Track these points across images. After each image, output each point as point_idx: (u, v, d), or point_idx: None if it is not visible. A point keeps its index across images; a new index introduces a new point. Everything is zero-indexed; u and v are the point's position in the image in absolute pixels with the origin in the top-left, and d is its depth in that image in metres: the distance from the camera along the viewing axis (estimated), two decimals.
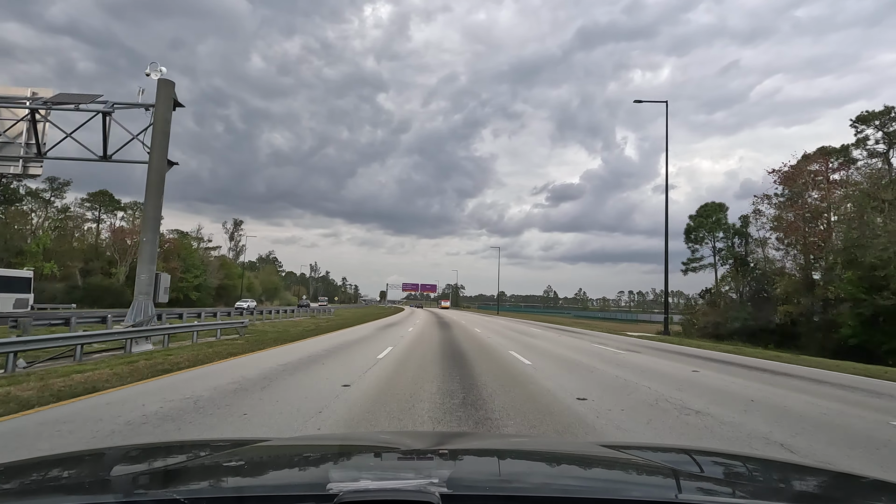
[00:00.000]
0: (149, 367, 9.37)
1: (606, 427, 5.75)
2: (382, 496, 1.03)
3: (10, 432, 5.10)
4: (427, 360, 11.75)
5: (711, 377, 10.46)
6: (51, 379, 7.88)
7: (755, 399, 7.87)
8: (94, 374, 8.46)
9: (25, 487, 1.29)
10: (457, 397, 7.24)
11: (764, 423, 6.16)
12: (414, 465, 1.61)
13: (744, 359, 15.27)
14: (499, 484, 1.37)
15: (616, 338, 24.36)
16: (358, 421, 5.80)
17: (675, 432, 5.61)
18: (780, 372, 11.94)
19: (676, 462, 1.79)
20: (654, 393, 8.09)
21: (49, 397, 6.60)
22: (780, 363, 14.23)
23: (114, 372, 8.74)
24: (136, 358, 10.75)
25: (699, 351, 17.97)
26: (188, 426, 5.36)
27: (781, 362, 14.51)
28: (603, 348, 17.20)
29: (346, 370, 9.78)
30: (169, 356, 11.16)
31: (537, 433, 5.49)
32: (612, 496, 1.22)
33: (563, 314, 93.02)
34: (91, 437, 4.92)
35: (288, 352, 13.09)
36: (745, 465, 1.86)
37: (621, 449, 1.89)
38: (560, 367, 11.26)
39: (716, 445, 5.11)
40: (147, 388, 7.59)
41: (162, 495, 1.14)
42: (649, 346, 19.45)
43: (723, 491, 1.46)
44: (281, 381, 8.28)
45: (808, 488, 1.52)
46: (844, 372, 12.53)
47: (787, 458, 4.65)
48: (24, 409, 5.97)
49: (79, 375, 8.22)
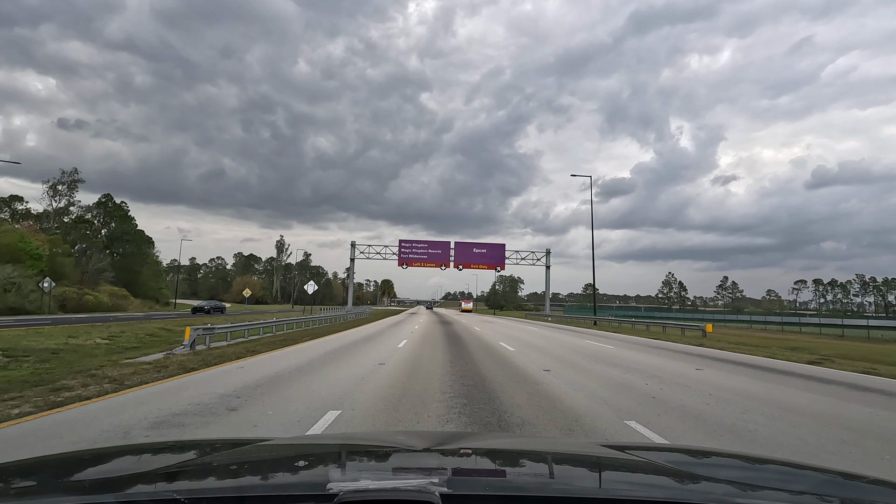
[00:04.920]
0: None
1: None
2: (382, 496, 1.03)
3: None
4: None
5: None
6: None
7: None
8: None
9: (25, 487, 1.31)
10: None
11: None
12: (414, 465, 1.62)
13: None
14: (499, 484, 1.39)
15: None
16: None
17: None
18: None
19: (677, 462, 1.78)
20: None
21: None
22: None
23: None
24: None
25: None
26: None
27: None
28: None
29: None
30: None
31: (537, 433, 5.56)
32: (612, 496, 1.23)
33: (698, 318, 57.42)
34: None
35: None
36: (745, 464, 1.90)
37: (621, 449, 1.90)
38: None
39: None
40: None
41: (162, 495, 1.14)
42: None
43: (723, 491, 1.39)
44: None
45: (808, 488, 1.49)
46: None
47: (787, 458, 4.27)
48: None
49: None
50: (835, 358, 14.97)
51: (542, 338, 21.82)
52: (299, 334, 20.73)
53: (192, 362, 10.65)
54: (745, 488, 1.43)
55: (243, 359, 11.70)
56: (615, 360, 12.80)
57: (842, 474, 1.77)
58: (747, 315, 63.31)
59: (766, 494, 1.37)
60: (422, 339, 19.76)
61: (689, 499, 1.22)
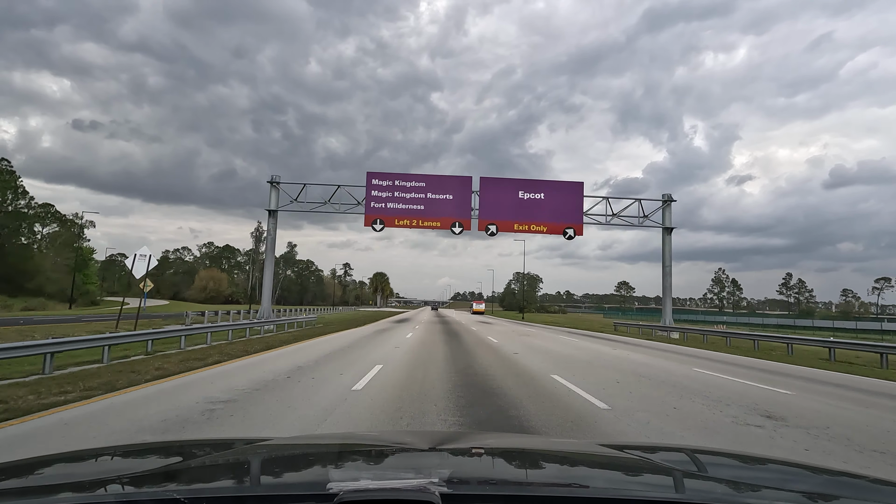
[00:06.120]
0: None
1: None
2: (382, 496, 1.02)
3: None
4: None
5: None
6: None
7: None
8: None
9: (25, 487, 1.29)
10: None
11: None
12: (414, 465, 1.61)
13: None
14: (499, 483, 1.37)
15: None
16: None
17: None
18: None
19: (677, 462, 1.78)
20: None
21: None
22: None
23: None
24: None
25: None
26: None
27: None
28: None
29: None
30: None
31: (537, 434, 5.42)
32: (612, 496, 1.21)
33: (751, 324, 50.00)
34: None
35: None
36: (745, 464, 1.88)
37: (621, 448, 1.89)
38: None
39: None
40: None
41: (162, 495, 1.13)
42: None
43: (723, 491, 1.39)
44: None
45: (808, 488, 1.48)
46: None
47: (786, 457, 4.21)
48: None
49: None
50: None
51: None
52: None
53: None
54: (745, 488, 1.42)
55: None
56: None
57: (842, 474, 1.83)
58: (829, 321, 52.50)
59: (766, 494, 1.35)
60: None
61: (689, 499, 1.23)
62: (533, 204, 29.58)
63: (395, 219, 29.21)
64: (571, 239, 29.46)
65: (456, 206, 29.36)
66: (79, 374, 8.97)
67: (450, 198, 29.44)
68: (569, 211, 29.64)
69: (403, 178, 29.74)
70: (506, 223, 29.41)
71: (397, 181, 29.56)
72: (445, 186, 29.64)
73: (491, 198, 29.57)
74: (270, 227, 29.76)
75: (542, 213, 29.55)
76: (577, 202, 29.90)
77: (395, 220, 29.21)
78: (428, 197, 29.39)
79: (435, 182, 29.86)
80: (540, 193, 29.75)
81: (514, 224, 29.44)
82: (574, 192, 30.06)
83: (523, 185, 30.09)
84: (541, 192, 29.80)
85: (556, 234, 29.54)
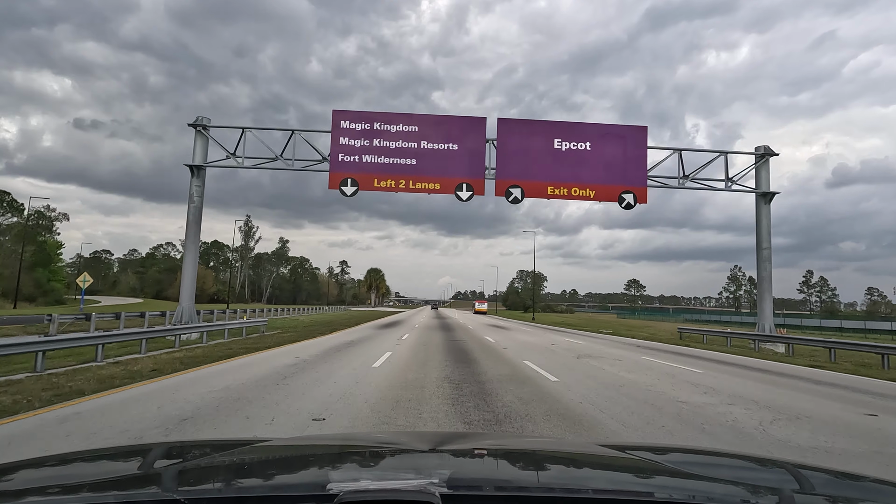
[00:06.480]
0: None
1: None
2: (383, 496, 1.02)
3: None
4: None
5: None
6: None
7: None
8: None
9: (25, 487, 1.28)
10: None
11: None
12: (414, 465, 1.59)
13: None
14: (499, 484, 1.35)
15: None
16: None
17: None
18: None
19: (677, 462, 1.76)
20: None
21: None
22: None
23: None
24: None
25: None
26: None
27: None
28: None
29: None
30: None
31: (538, 433, 5.44)
32: (612, 496, 1.21)
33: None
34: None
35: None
36: (745, 464, 1.87)
37: (621, 449, 1.88)
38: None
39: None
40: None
41: (162, 495, 1.13)
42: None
43: (723, 491, 1.37)
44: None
45: (808, 488, 1.47)
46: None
47: (787, 457, 4.40)
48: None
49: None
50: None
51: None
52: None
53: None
54: (746, 488, 1.42)
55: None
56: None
57: (842, 474, 1.78)
58: (855, 322, 45.26)
59: (766, 494, 1.35)
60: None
61: (689, 499, 1.22)
62: (575, 157, 20.32)
63: (375, 178, 20.05)
64: (630, 208, 20.16)
65: (463, 161, 20.17)
66: None
67: (454, 148, 20.26)
68: (627, 167, 20.37)
69: (386, 119, 20.51)
70: (535, 185, 20.16)
71: (377, 123, 20.36)
72: (448, 132, 20.43)
73: (514, 148, 20.33)
74: (194, 192, 20.72)
75: (588, 170, 20.27)
76: (638, 155, 20.62)
77: (373, 179, 20.05)
78: (422, 147, 20.23)
79: (432, 125, 20.63)
80: (585, 143, 20.46)
81: (546, 186, 20.19)
82: (634, 142, 20.73)
83: (560, 131, 20.79)
84: (586, 139, 20.51)
85: (609, 201, 20.28)
